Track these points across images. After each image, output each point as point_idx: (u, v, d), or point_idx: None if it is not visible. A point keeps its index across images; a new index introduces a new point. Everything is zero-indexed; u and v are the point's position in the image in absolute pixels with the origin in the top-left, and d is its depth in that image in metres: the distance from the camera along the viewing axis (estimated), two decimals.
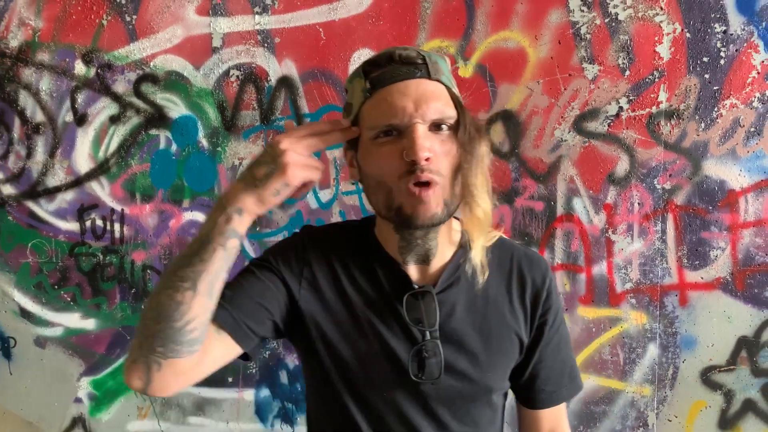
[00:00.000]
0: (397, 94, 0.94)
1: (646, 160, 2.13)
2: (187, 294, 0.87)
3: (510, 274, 1.10)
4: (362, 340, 1.03)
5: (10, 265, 2.45)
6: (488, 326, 1.05)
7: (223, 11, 2.26)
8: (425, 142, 0.91)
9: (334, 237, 1.11)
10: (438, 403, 1.02)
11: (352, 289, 1.05)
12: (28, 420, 2.50)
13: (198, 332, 0.89)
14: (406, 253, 1.03)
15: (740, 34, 2.07)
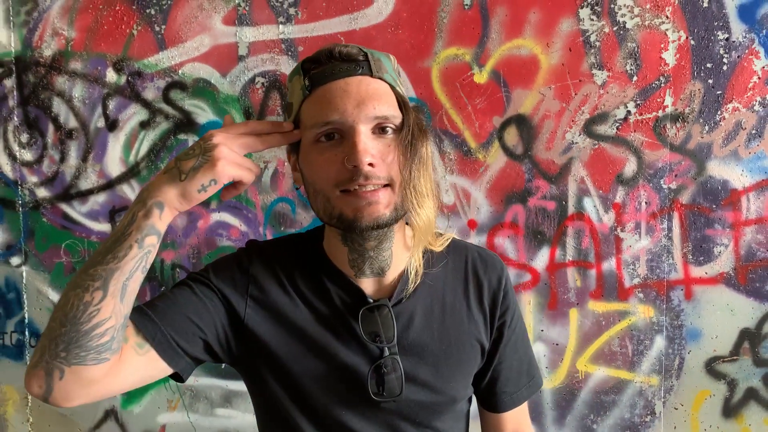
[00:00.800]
0: (337, 91, 0.88)
1: (653, 162, 2.21)
2: (96, 294, 0.78)
3: (466, 277, 1.04)
4: (316, 360, 0.94)
5: (45, 264, 2.53)
6: (448, 334, 0.99)
7: (248, 21, 2.34)
8: (368, 146, 0.85)
9: (280, 251, 1.03)
10: (400, 419, 0.96)
11: (303, 306, 0.97)
12: (62, 413, 2.57)
13: (107, 338, 0.80)
14: (358, 266, 0.95)
15: (742, 41, 2.15)
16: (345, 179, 0.87)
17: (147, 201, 0.83)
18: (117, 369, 0.84)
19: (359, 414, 0.95)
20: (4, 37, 2.45)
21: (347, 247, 0.95)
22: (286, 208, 2.38)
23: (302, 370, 0.95)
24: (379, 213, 0.87)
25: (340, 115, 0.86)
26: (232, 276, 0.97)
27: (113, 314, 0.80)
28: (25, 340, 2.55)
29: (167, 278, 2.46)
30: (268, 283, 0.98)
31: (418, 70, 2.26)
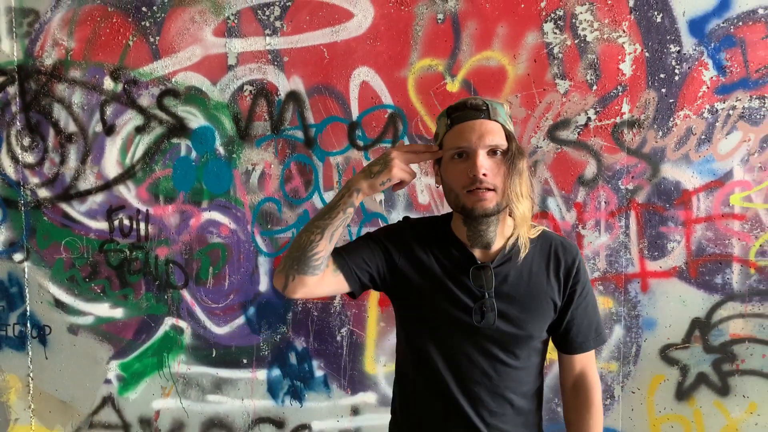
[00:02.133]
0: (467, 128, 1.30)
1: (611, 164, 2.36)
2: (316, 237, 1.31)
3: (549, 256, 1.42)
4: (440, 295, 1.37)
5: (46, 260, 2.65)
6: (530, 291, 1.38)
7: (237, 33, 2.48)
8: (483, 163, 1.28)
9: (424, 226, 1.47)
10: (492, 344, 1.36)
11: (435, 262, 1.40)
12: (62, 400, 2.69)
13: (319, 262, 1.31)
14: (472, 240, 1.37)
15: (692, 53, 2.30)
16: (468, 183, 1.29)
17: (351, 188, 1.35)
18: (321, 281, 1.34)
19: (465, 336, 1.36)
20: (7, 46, 2.57)
21: (466, 227, 1.38)
22: (272, 207, 2.52)
23: (431, 301, 1.38)
24: (486, 206, 1.30)
25: (468, 143, 1.29)
26: (392, 237, 1.44)
27: (324, 249, 1.31)
28: (26, 331, 2.67)
29: (161, 273, 2.59)
30: (415, 245, 1.42)
31: (395, 80, 2.41)
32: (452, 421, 1.37)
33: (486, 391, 1.36)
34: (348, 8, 2.41)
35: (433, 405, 1.40)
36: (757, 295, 2.35)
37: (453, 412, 1.37)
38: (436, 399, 1.39)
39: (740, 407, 2.40)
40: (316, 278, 1.32)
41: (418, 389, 1.43)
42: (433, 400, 1.40)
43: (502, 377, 1.37)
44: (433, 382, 1.39)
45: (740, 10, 2.27)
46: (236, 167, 2.52)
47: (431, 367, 1.38)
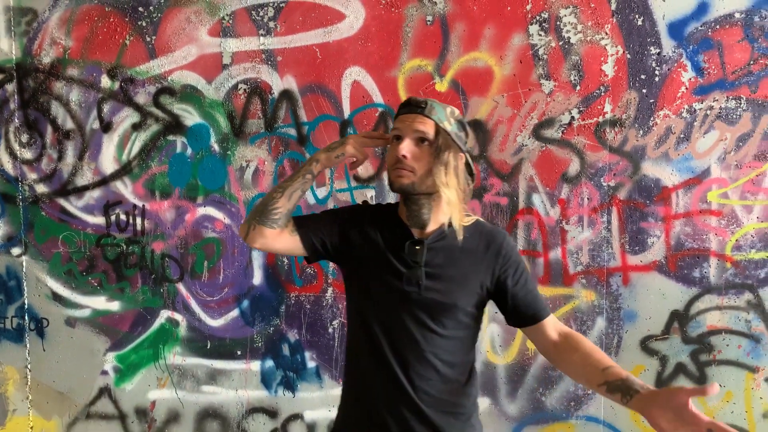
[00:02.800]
0: (404, 119, 1.51)
1: (594, 162, 2.44)
2: (278, 195, 1.54)
3: (479, 240, 1.58)
4: (380, 263, 1.55)
5: (44, 254, 2.69)
6: (458, 267, 1.54)
7: (232, 33, 2.53)
8: (405, 147, 1.47)
9: (377, 209, 1.67)
10: (421, 310, 1.50)
11: (380, 238, 1.58)
12: (59, 391, 2.73)
13: (278, 216, 1.52)
14: (411, 220, 1.55)
15: (671, 55, 2.38)
16: (394, 162, 1.49)
17: (312, 158, 1.59)
18: (279, 236, 1.55)
19: (398, 302, 1.51)
20: (5, 45, 2.61)
21: (406, 208, 1.56)
22: None
23: (373, 269, 1.55)
24: (401, 182, 1.49)
25: (399, 130, 1.51)
26: (350, 214, 1.64)
27: (283, 206, 1.54)
28: (24, 324, 2.71)
29: (157, 266, 2.64)
30: (367, 222, 1.60)
31: (386, 79, 2.47)
32: (385, 381, 1.51)
33: (414, 355, 1.50)
34: (340, 9, 2.47)
35: (369, 365, 1.54)
36: (733, 288, 2.43)
37: (386, 372, 1.51)
38: (373, 360, 1.53)
39: (717, 396, 2.48)
40: (275, 232, 1.52)
41: (360, 352, 1.58)
42: (370, 360, 1.53)
43: (429, 343, 1.50)
44: (371, 345, 1.53)
45: (717, 14, 2.34)
46: (231, 164, 2.57)
47: (370, 330, 1.53)
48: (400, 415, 1.50)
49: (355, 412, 1.58)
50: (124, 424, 2.71)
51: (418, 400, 1.49)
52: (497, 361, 2.53)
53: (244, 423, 2.66)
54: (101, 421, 2.73)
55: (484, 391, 2.55)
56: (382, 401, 1.51)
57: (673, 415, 1.20)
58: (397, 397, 1.50)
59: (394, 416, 1.50)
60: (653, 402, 1.26)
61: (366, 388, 1.55)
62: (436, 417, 1.51)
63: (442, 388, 1.51)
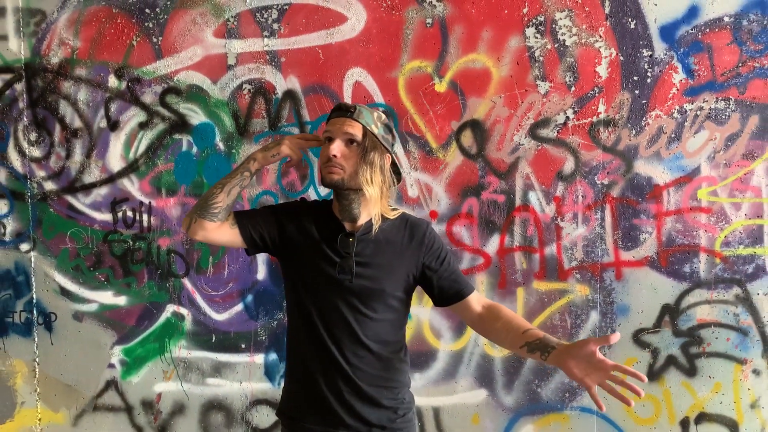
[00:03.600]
0: (335, 122, 1.64)
1: (588, 161, 2.50)
2: (218, 190, 1.63)
3: (404, 231, 1.71)
4: (315, 254, 1.65)
5: (52, 250, 2.74)
6: (385, 256, 1.66)
7: (236, 34, 2.58)
8: (335, 147, 1.59)
9: (313, 205, 1.78)
10: (353, 296, 1.62)
11: (316, 231, 1.67)
12: (67, 383, 2.78)
13: (217, 210, 1.61)
14: (343, 214, 1.67)
15: (663, 57, 2.45)
16: (325, 160, 1.60)
17: (249, 157, 1.70)
18: (218, 229, 1.64)
19: (332, 289, 1.63)
20: (14, 45, 2.65)
21: (338, 202, 1.68)
22: (269, 199, 2.62)
23: (309, 260, 1.65)
24: (331, 177, 1.60)
25: (330, 132, 1.63)
26: (288, 209, 1.74)
27: (222, 201, 1.62)
28: (33, 318, 2.76)
29: (163, 262, 2.69)
30: (304, 217, 1.70)
31: (387, 80, 2.52)
32: (323, 361, 1.63)
33: (348, 337, 1.63)
34: (342, 12, 2.53)
35: (308, 348, 1.65)
36: (722, 283, 2.50)
37: (324, 354, 1.63)
38: (311, 343, 1.64)
39: (706, 387, 2.55)
40: (215, 225, 1.61)
41: (299, 337, 1.68)
42: (309, 343, 1.65)
43: (361, 325, 1.63)
44: (308, 329, 1.65)
45: (707, 17, 2.41)
46: (235, 162, 2.62)
47: (308, 316, 1.64)
48: (337, 390, 1.62)
49: (298, 391, 1.69)
50: (130, 416, 2.76)
51: (354, 377, 1.62)
52: (494, 354, 2.59)
53: (248, 414, 2.71)
54: (108, 413, 2.77)
55: (482, 383, 2.61)
56: (321, 379, 1.63)
57: (585, 363, 1.38)
58: (334, 375, 1.63)
59: (333, 392, 1.63)
60: (567, 355, 1.42)
61: (306, 369, 1.66)
62: (370, 390, 1.64)
63: (377, 365, 1.65)
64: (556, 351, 1.46)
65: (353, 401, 1.63)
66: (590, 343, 1.38)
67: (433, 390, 2.63)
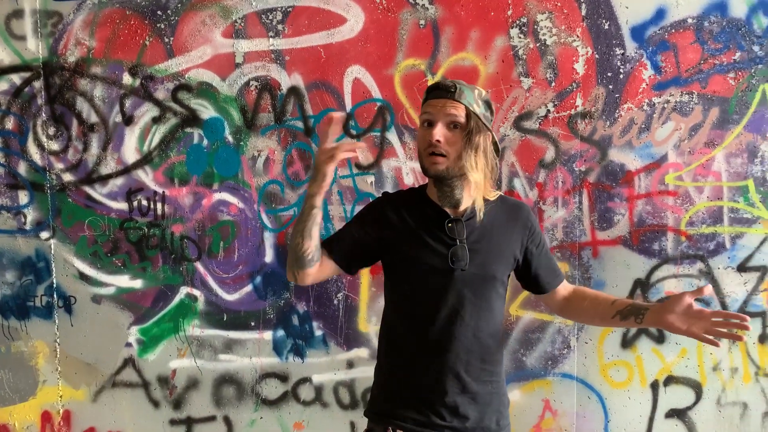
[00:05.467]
0: (434, 103, 1.52)
1: (567, 149, 2.72)
2: (299, 239, 1.53)
3: (507, 213, 1.66)
4: (421, 246, 1.57)
5: (71, 238, 2.88)
6: (493, 240, 1.60)
7: (243, 35, 2.74)
8: (439, 132, 1.48)
9: (401, 195, 1.69)
10: (463, 285, 1.55)
11: (413, 222, 1.60)
12: (87, 362, 2.93)
13: (311, 257, 1.54)
14: (443, 200, 1.58)
15: (634, 55, 2.67)
16: (427, 146, 1.51)
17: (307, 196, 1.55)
18: (321, 268, 1.59)
19: (441, 280, 1.55)
20: (33, 45, 2.78)
21: (437, 189, 1.58)
22: (276, 188, 2.80)
23: (413, 254, 1.58)
24: (437, 168, 1.50)
25: (431, 114, 1.52)
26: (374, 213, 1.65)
27: (309, 246, 1.53)
28: (53, 302, 2.90)
29: (176, 247, 2.85)
30: (393, 213, 1.62)
31: (384, 77, 2.71)
32: (429, 356, 1.55)
33: (458, 328, 1.54)
34: (342, 14, 2.70)
35: (412, 343, 1.57)
36: (687, 258, 2.74)
37: (430, 347, 1.55)
38: (415, 337, 1.57)
39: (673, 353, 2.79)
40: (315, 268, 1.56)
41: (399, 332, 1.61)
42: (413, 338, 1.57)
43: (472, 316, 1.55)
44: (413, 324, 1.57)
45: (673, 19, 2.64)
46: (244, 153, 2.79)
47: (413, 310, 1.56)
48: (443, 390, 1.53)
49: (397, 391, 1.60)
50: (147, 391, 2.93)
51: (464, 374, 1.54)
52: None
53: (258, 387, 2.89)
54: (126, 389, 2.93)
55: None
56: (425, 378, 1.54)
57: (684, 316, 1.44)
58: (443, 374, 1.53)
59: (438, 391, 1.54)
60: (664, 311, 1.47)
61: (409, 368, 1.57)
62: (478, 387, 1.56)
63: (484, 358, 1.58)
64: (650, 312, 1.50)
65: (459, 400, 1.54)
66: (685, 296, 1.43)
67: None
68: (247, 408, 2.91)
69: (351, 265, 1.62)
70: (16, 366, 2.93)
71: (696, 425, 2.82)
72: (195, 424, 2.92)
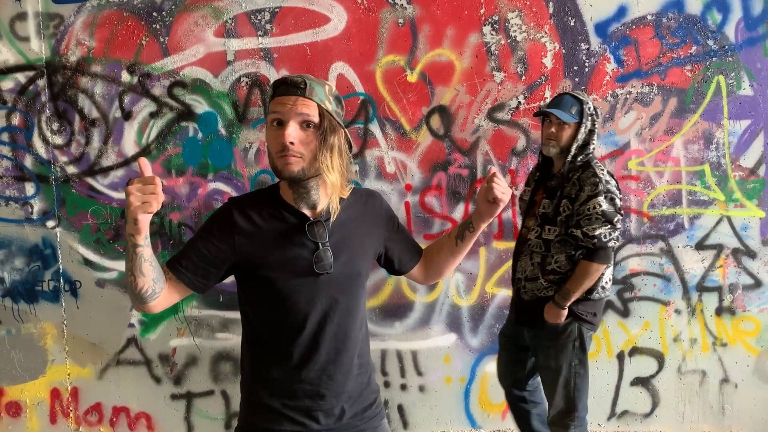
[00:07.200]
0: (283, 101, 1.35)
1: (537, 138, 2.89)
2: (132, 277, 1.30)
3: (363, 205, 1.57)
4: (281, 253, 1.43)
5: (75, 226, 3.04)
6: (354, 236, 1.51)
7: (234, 34, 2.90)
8: (292, 133, 1.33)
9: (251, 199, 1.50)
10: (331, 287, 1.46)
11: (269, 227, 1.44)
12: (92, 342, 3.10)
13: (150, 292, 1.33)
14: (299, 201, 1.43)
15: (598, 50, 2.84)
16: (280, 149, 1.35)
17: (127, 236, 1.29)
18: (168, 294, 1.40)
19: (307, 284, 1.44)
20: (36, 46, 2.93)
21: (292, 191, 1.43)
22: (266, 177, 2.97)
23: (274, 261, 1.42)
24: (291, 170, 1.36)
25: (280, 113, 1.36)
26: (221, 223, 1.46)
27: (145, 283, 1.32)
28: (60, 286, 3.07)
29: (174, 233, 3.02)
30: (245, 220, 1.44)
31: (366, 72, 2.87)
32: (300, 362, 1.46)
33: (329, 330, 1.46)
34: (326, 14, 2.86)
35: (281, 352, 1.46)
36: (649, 238, 2.93)
37: (301, 353, 1.45)
38: (284, 346, 1.45)
39: (637, 326, 2.99)
40: (161, 297, 1.37)
41: (265, 340, 1.48)
42: (282, 348, 1.46)
43: (342, 316, 1.48)
44: (281, 332, 1.46)
45: (634, 16, 2.81)
46: (236, 145, 2.95)
47: (279, 319, 1.45)
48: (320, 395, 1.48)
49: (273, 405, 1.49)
50: (149, 368, 3.10)
51: (338, 373, 1.49)
52: (461, 303, 3.00)
53: None
54: (129, 366, 3.11)
55: (451, 328, 3.01)
56: (303, 386, 1.46)
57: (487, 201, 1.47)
58: (317, 378, 1.47)
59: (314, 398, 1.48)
60: (477, 208, 1.51)
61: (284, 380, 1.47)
62: (352, 383, 1.52)
63: (354, 351, 1.53)
64: (473, 217, 1.53)
65: (334, 401, 1.49)
66: (482, 188, 1.46)
67: (411, 336, 3.03)
68: None
69: (203, 286, 1.46)
70: (27, 346, 3.10)
71: (659, 392, 3.02)
72: (195, 398, 3.11)
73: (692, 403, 3.03)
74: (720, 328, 2.98)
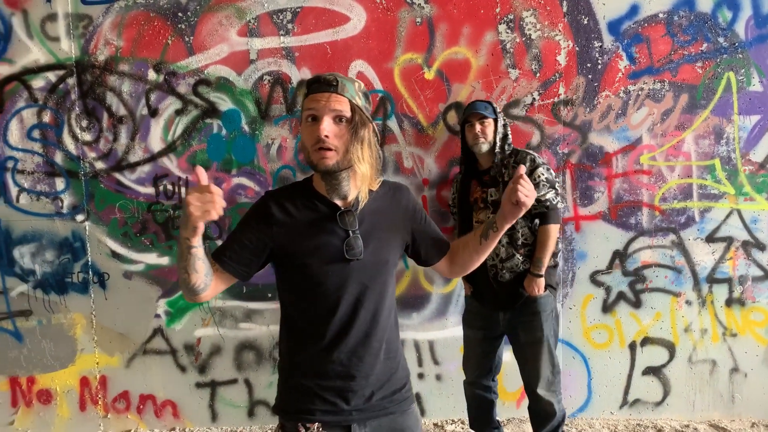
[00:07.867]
0: (317, 98, 1.47)
1: (551, 134, 2.96)
2: (184, 274, 1.41)
3: (391, 197, 1.65)
4: (316, 241, 1.52)
5: (103, 220, 3.13)
6: (382, 226, 1.59)
7: (257, 33, 2.98)
8: (326, 127, 1.44)
9: (286, 192, 1.60)
10: (361, 273, 1.54)
11: (303, 217, 1.54)
12: (120, 332, 3.20)
13: (202, 286, 1.44)
14: (331, 192, 1.54)
15: (610, 48, 2.90)
16: (315, 142, 1.46)
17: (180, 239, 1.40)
18: (217, 284, 1.51)
19: (339, 270, 1.52)
20: (66, 46, 3.02)
21: (324, 182, 1.54)
22: (288, 173, 3.05)
23: (307, 248, 1.52)
24: (327, 163, 1.46)
25: (315, 109, 1.47)
26: (260, 215, 1.56)
27: (197, 279, 1.42)
28: (89, 278, 3.17)
29: None
30: (281, 211, 1.54)
31: (384, 70, 2.95)
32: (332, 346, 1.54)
33: (360, 315, 1.54)
34: (346, 14, 2.94)
35: (315, 336, 1.54)
36: (660, 231, 3.00)
37: (334, 337, 1.53)
38: (318, 330, 1.53)
39: (649, 316, 3.05)
40: (211, 288, 1.48)
41: (301, 327, 1.57)
42: (316, 331, 1.54)
43: (372, 301, 1.55)
44: (315, 318, 1.54)
45: (646, 14, 2.87)
46: (259, 141, 3.03)
47: (314, 305, 1.53)
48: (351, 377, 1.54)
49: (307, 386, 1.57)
50: (175, 357, 3.20)
51: (368, 356, 1.55)
52: None
53: (275, 352, 3.16)
54: (156, 355, 3.20)
55: None
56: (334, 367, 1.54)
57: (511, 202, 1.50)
58: (348, 361, 1.54)
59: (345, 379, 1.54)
60: (502, 208, 1.54)
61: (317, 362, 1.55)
62: (381, 366, 1.58)
63: (382, 336, 1.60)
64: (497, 217, 1.55)
65: (364, 383, 1.56)
66: (508, 189, 1.48)
67: (428, 326, 3.11)
68: (265, 371, 3.18)
69: (246, 274, 1.56)
70: (57, 336, 3.20)
71: (670, 381, 3.09)
72: (219, 386, 3.20)
73: (703, 392, 3.09)
74: (730, 319, 3.04)
